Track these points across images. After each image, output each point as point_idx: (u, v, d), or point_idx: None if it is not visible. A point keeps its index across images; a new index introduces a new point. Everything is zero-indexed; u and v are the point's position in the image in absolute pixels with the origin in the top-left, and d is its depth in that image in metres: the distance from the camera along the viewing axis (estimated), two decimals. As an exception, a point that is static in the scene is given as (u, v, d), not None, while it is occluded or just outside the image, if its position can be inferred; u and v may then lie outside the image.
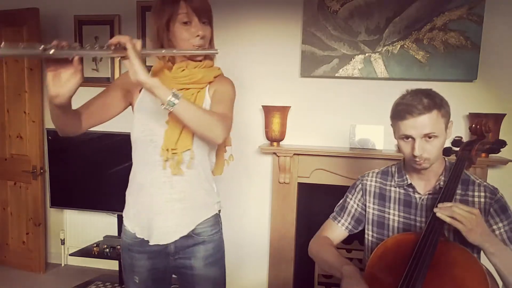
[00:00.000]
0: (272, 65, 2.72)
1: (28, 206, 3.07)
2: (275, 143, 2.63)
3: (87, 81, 3.02)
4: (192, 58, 1.27)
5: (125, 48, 1.02)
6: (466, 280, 1.06)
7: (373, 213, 1.38)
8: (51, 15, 3.02)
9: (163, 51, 1.20)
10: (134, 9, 2.89)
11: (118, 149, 2.73)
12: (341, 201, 1.48)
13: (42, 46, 0.87)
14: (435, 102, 1.17)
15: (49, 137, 2.90)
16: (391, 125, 1.31)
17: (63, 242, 3.22)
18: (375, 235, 1.37)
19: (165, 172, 1.24)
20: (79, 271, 3.14)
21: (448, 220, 1.10)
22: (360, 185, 1.42)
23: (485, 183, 1.28)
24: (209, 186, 1.34)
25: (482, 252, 1.25)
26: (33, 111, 2.95)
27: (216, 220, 1.35)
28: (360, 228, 1.44)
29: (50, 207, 3.04)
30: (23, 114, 2.98)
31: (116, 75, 2.96)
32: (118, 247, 2.83)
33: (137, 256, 1.31)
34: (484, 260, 1.18)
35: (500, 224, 1.22)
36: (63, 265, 3.26)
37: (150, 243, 1.28)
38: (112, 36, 2.92)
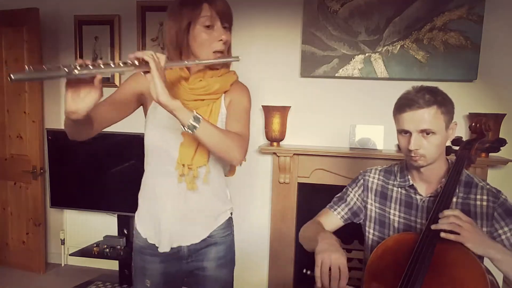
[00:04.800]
0: (272, 65, 2.72)
1: (28, 206, 3.06)
2: (275, 143, 2.63)
3: (87, 81, 3.03)
4: (211, 66, 1.22)
5: (147, 64, 0.99)
6: (465, 280, 1.06)
7: (374, 210, 1.37)
8: (51, 15, 3.03)
9: (186, 62, 1.13)
10: (134, 9, 2.89)
11: (119, 149, 2.73)
12: (340, 193, 1.47)
13: (66, 68, 0.85)
14: (436, 99, 1.17)
15: (49, 137, 2.90)
16: (393, 119, 1.31)
17: (63, 242, 3.22)
18: (376, 233, 1.37)
19: (180, 185, 1.23)
20: (79, 271, 3.14)
21: (443, 235, 1.07)
22: (362, 180, 1.41)
23: (488, 186, 1.25)
24: (223, 195, 1.34)
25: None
26: (33, 111, 2.94)
27: (228, 223, 1.36)
28: (355, 220, 1.42)
29: (50, 207, 3.04)
30: (23, 114, 2.98)
31: (116, 75, 2.96)
32: (118, 247, 2.83)
33: (150, 259, 1.30)
34: (487, 262, 1.18)
35: (506, 228, 1.19)
36: (63, 265, 3.26)
37: (160, 250, 1.27)
38: (112, 36, 2.94)
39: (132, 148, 1.25)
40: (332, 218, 1.42)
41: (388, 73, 2.52)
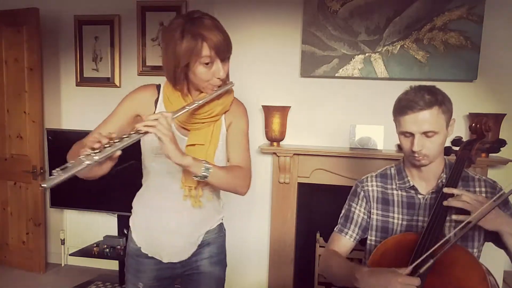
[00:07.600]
0: (272, 65, 2.72)
1: (28, 206, 3.06)
2: (275, 143, 2.63)
3: (87, 81, 3.03)
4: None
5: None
6: (466, 280, 1.06)
7: (376, 218, 1.35)
8: (51, 15, 3.02)
9: (186, 108, 1.15)
10: (134, 9, 2.89)
11: (118, 149, 2.73)
12: (344, 211, 1.42)
13: (87, 160, 0.95)
14: (437, 99, 1.18)
15: (49, 137, 2.90)
16: (393, 120, 1.30)
17: (63, 242, 3.22)
18: (378, 239, 1.35)
19: (185, 202, 1.27)
20: (79, 271, 3.14)
21: (454, 217, 1.10)
22: (362, 192, 1.38)
23: (484, 177, 1.29)
24: (218, 205, 1.40)
25: (482, 248, 1.27)
26: (33, 111, 2.94)
27: (220, 228, 1.41)
28: (365, 236, 1.41)
29: (50, 207, 3.04)
30: (23, 114, 2.98)
31: (116, 75, 2.96)
32: (118, 247, 2.83)
33: (145, 261, 1.33)
34: (483, 260, 1.18)
35: None
36: (63, 265, 3.26)
37: (164, 261, 1.31)
38: (112, 36, 2.95)
39: (131, 148, 1.24)
40: (345, 242, 1.38)
41: (388, 73, 2.52)
